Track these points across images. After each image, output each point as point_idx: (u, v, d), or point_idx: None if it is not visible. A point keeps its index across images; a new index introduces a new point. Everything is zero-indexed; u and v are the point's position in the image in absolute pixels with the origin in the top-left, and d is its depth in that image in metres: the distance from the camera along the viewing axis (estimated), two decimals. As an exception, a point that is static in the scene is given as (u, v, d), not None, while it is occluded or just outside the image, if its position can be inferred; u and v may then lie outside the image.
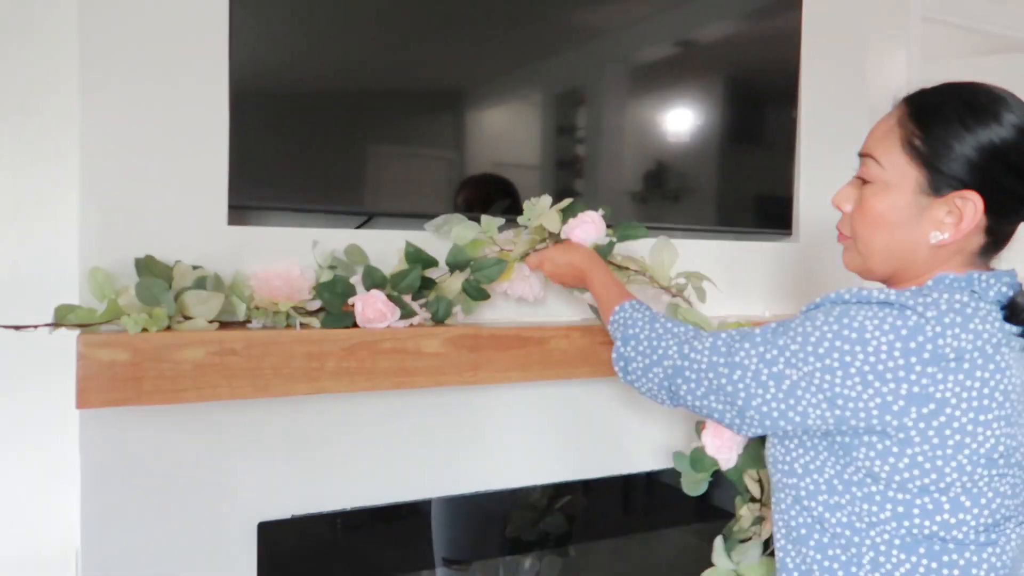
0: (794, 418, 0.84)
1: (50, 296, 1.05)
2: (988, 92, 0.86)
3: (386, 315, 1.10)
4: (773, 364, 0.84)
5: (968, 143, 0.83)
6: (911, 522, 0.81)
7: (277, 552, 1.18)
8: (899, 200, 0.87)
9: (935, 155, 0.84)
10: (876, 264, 0.91)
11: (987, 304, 0.81)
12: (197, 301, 1.03)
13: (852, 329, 0.79)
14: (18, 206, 1.30)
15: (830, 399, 0.81)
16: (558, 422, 1.41)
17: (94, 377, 0.95)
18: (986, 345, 0.78)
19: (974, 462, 0.79)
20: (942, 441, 0.78)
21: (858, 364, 0.78)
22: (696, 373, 0.93)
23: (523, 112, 1.36)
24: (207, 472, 1.15)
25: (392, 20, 1.23)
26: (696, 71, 1.51)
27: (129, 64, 1.08)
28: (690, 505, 1.56)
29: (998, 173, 0.82)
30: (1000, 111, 0.83)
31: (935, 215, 0.85)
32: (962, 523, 0.80)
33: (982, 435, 0.78)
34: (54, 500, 1.34)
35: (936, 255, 0.87)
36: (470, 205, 1.32)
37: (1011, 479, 0.82)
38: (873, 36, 1.77)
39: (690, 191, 1.52)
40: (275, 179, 1.17)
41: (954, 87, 0.89)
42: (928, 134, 0.85)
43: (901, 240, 0.87)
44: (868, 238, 0.90)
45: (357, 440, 1.25)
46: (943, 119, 0.84)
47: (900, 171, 0.86)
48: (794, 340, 0.84)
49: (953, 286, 0.84)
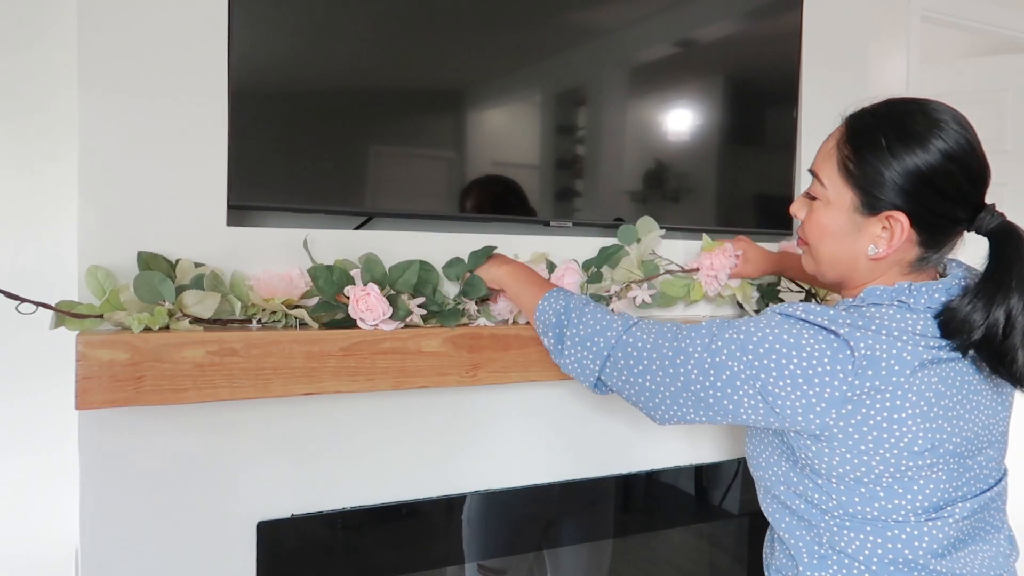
0: (727, 406, 0.92)
1: (51, 296, 1.05)
2: (923, 115, 0.91)
3: (378, 310, 1.09)
4: (717, 354, 0.92)
5: (895, 169, 0.89)
6: (854, 508, 0.91)
7: (277, 552, 1.18)
8: (838, 217, 0.95)
9: (865, 179, 0.92)
10: (825, 270, 1.00)
11: (914, 314, 0.88)
12: (194, 300, 1.03)
13: (791, 335, 0.88)
14: (18, 206, 1.30)
15: (763, 395, 0.89)
16: (558, 422, 1.41)
17: (94, 377, 0.95)
18: (902, 352, 0.86)
19: (896, 455, 0.87)
20: (862, 437, 0.87)
21: (791, 367, 0.87)
22: (637, 351, 0.99)
23: (523, 112, 1.36)
24: (207, 472, 1.15)
25: (392, 20, 1.22)
26: (696, 71, 1.51)
27: (128, 64, 1.08)
28: (690, 505, 1.56)
29: (924, 196, 0.89)
30: (928, 137, 0.89)
31: (871, 231, 0.93)
32: (899, 508, 0.89)
33: (898, 431, 0.86)
34: (54, 500, 1.34)
35: (876, 266, 0.95)
36: (480, 207, 1.32)
37: (944, 467, 0.89)
38: (873, 36, 1.77)
39: (690, 191, 1.52)
40: (274, 179, 1.17)
41: (890, 110, 0.94)
42: (860, 159, 0.92)
43: (843, 251, 0.96)
44: (816, 247, 1.00)
45: (357, 440, 1.25)
46: (872, 145, 0.91)
47: (838, 191, 0.95)
48: (738, 336, 0.91)
49: (882, 299, 0.91)
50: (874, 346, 0.85)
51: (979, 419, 0.92)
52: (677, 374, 0.94)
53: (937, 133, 0.89)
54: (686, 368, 0.93)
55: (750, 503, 1.60)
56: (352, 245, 1.20)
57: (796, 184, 1.63)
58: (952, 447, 0.89)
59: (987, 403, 0.93)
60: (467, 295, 1.20)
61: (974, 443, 0.92)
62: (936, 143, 0.88)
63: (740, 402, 0.91)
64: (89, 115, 1.06)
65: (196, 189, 1.12)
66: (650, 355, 0.97)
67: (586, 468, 1.44)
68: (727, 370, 0.91)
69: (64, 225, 1.30)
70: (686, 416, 0.96)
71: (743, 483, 1.59)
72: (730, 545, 1.63)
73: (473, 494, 1.33)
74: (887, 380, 0.85)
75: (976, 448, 0.92)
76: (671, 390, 0.95)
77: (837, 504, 0.91)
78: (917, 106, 0.93)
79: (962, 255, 0.98)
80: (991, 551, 0.94)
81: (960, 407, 0.90)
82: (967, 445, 0.91)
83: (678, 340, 0.96)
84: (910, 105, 0.93)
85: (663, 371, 0.95)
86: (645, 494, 1.52)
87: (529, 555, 1.44)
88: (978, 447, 0.93)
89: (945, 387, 0.88)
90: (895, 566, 0.90)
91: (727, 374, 0.91)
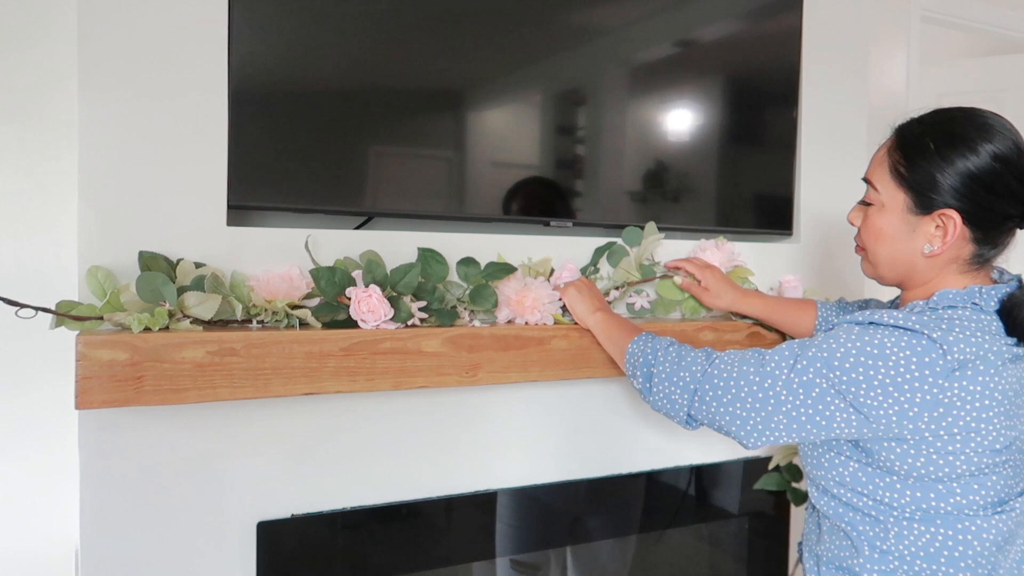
0: (820, 422, 0.93)
1: (51, 296, 1.05)
2: (971, 121, 0.96)
3: (379, 311, 1.10)
4: (803, 373, 0.94)
5: (944, 169, 0.95)
6: (928, 504, 0.93)
7: (277, 552, 1.18)
8: (893, 218, 1.00)
9: (916, 180, 0.97)
10: (884, 272, 1.05)
11: (987, 315, 0.93)
12: (195, 301, 1.03)
13: (873, 346, 0.90)
14: (18, 206, 1.30)
15: (855, 407, 0.91)
16: (558, 422, 1.41)
17: (94, 377, 0.95)
18: (987, 353, 0.89)
19: (979, 453, 0.90)
20: (951, 438, 0.90)
21: (880, 377, 0.89)
22: (724, 380, 1.00)
23: (523, 112, 1.36)
24: (207, 472, 1.15)
25: (392, 20, 1.22)
26: (696, 71, 1.51)
27: (128, 64, 1.08)
28: (691, 505, 1.56)
29: (976, 194, 0.94)
30: (978, 141, 0.94)
31: (925, 230, 0.98)
32: (972, 503, 0.92)
33: (984, 430, 0.90)
34: (54, 500, 1.34)
35: (933, 263, 0.99)
36: (527, 211, 1.34)
37: (1013, 463, 0.94)
38: (873, 36, 1.77)
39: (690, 191, 1.52)
40: (274, 179, 1.17)
41: (936, 116, 1.00)
42: (910, 162, 0.98)
43: (900, 251, 1.01)
44: (874, 251, 1.04)
45: (357, 440, 1.25)
46: (921, 148, 0.97)
47: (891, 194, 1.00)
48: (821, 353, 0.93)
49: (956, 301, 0.95)
50: (965, 349, 0.88)
51: None
52: (767, 398, 0.96)
53: (984, 135, 0.94)
54: (775, 391, 0.95)
55: (750, 503, 1.60)
56: (352, 245, 1.20)
57: (796, 184, 1.63)
58: (1020, 443, 0.94)
59: None
60: (474, 301, 1.21)
61: None
62: (983, 144, 0.93)
63: (833, 417, 0.92)
64: (89, 115, 1.06)
65: (196, 189, 1.12)
66: (737, 383, 0.98)
67: (586, 468, 1.44)
68: (815, 387, 0.92)
69: (64, 225, 1.30)
70: (779, 438, 0.97)
71: (743, 483, 1.59)
72: (730, 545, 1.63)
73: (502, 491, 1.33)
74: (975, 380, 0.88)
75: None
76: (762, 415, 0.96)
77: (910, 501, 0.94)
78: (961, 112, 0.98)
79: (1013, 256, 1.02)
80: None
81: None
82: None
83: (762, 365, 0.97)
84: (954, 112, 0.99)
85: (752, 397, 0.97)
86: (646, 493, 1.52)
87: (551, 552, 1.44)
88: None
89: (1020, 385, 0.92)
90: (964, 560, 0.93)
91: (816, 391, 0.92)
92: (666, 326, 1.31)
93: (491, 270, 1.23)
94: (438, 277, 1.20)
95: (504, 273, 1.23)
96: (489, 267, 1.24)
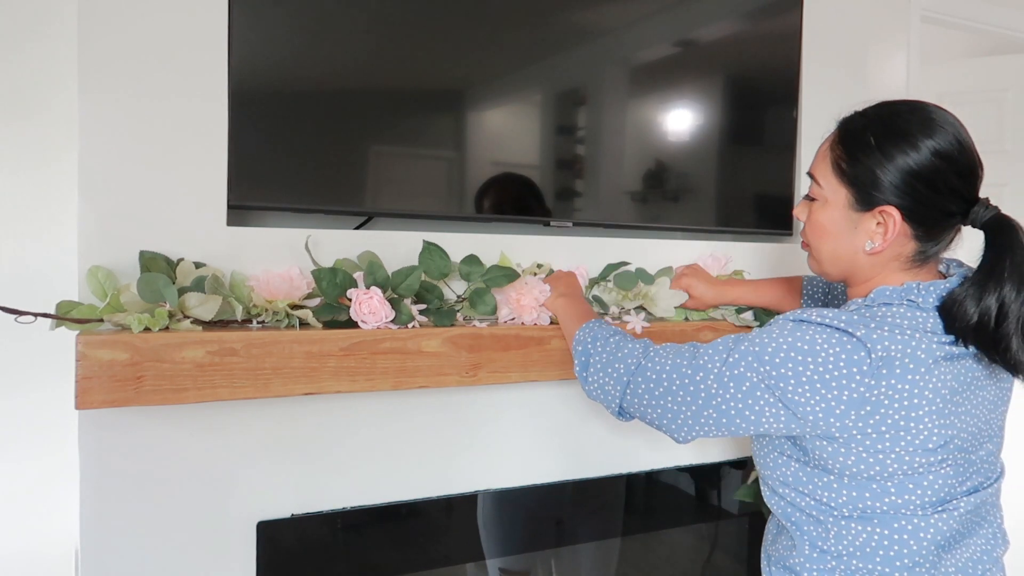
0: (749, 416, 0.93)
1: (51, 296, 1.05)
2: (910, 114, 0.95)
3: (380, 313, 1.09)
4: (735, 367, 0.93)
5: (884, 165, 0.93)
6: (864, 504, 0.93)
7: (277, 551, 1.18)
8: (835, 215, 0.99)
9: (857, 176, 0.96)
10: (828, 268, 1.04)
11: (923, 312, 0.91)
12: (196, 302, 1.03)
13: (804, 342, 0.90)
14: (19, 206, 1.30)
15: (784, 403, 0.90)
16: (558, 422, 1.41)
17: (94, 377, 0.95)
18: (916, 352, 0.88)
19: (911, 452, 0.89)
20: (879, 436, 0.89)
21: (808, 373, 0.88)
22: (657, 373, 1.00)
23: (523, 112, 1.36)
24: (207, 472, 1.15)
25: (392, 20, 1.22)
26: (696, 71, 1.51)
27: (128, 64, 1.08)
28: (691, 505, 1.56)
29: (916, 191, 0.92)
30: (919, 137, 0.92)
31: (866, 227, 0.96)
32: (908, 503, 0.91)
33: (915, 429, 0.88)
34: (54, 500, 1.34)
35: (875, 260, 0.98)
36: (498, 208, 1.32)
37: (952, 464, 0.92)
38: (873, 36, 1.77)
39: (690, 191, 1.52)
40: (274, 179, 1.17)
41: (879, 111, 0.98)
42: (851, 157, 0.96)
43: (842, 248, 0.99)
44: (817, 247, 1.03)
45: (357, 440, 1.25)
46: (863, 145, 0.95)
47: (833, 189, 0.99)
48: (753, 347, 0.93)
49: (892, 299, 0.94)
50: (890, 347, 0.87)
51: (982, 414, 0.94)
52: (698, 391, 0.95)
53: (924, 130, 0.92)
54: (706, 384, 0.95)
55: (750, 503, 1.60)
56: (352, 245, 1.20)
57: (796, 184, 1.63)
58: (960, 442, 0.92)
59: (990, 397, 0.95)
60: (473, 305, 1.20)
61: (977, 438, 0.94)
62: (923, 140, 0.92)
63: (762, 412, 0.92)
64: (89, 115, 1.06)
65: (196, 189, 1.12)
66: (669, 376, 0.98)
67: (586, 468, 1.44)
68: (746, 381, 0.92)
69: (64, 225, 1.30)
70: (709, 432, 0.97)
71: (743, 483, 1.59)
72: (730, 545, 1.63)
73: (484, 493, 1.33)
74: (903, 379, 0.87)
75: (979, 443, 0.95)
76: (692, 409, 0.96)
77: (847, 500, 0.93)
78: (905, 106, 0.96)
79: (960, 252, 1.00)
80: (981, 544, 0.97)
81: (968, 403, 0.92)
82: (971, 440, 0.93)
83: (695, 358, 0.97)
84: (898, 105, 0.97)
85: (683, 390, 0.97)
86: (646, 494, 1.52)
87: (538, 555, 1.44)
88: (980, 441, 0.95)
89: (957, 383, 0.90)
90: (900, 559, 0.92)
91: (747, 385, 0.92)
92: (666, 326, 1.31)
93: (493, 275, 1.22)
94: (440, 272, 1.19)
95: (507, 280, 1.21)
96: (492, 271, 1.22)
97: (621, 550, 1.52)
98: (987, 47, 3.08)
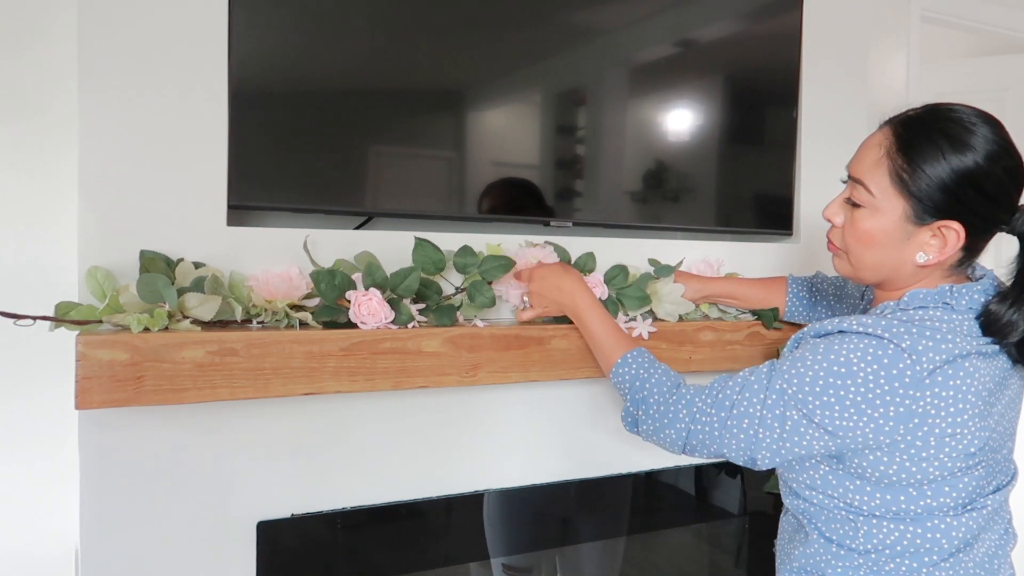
0: (800, 452, 0.93)
1: (51, 296, 1.05)
2: (976, 127, 0.91)
3: (380, 315, 1.09)
4: (775, 407, 0.92)
5: (949, 176, 0.89)
6: (898, 507, 0.92)
7: (277, 552, 1.18)
8: (888, 224, 0.94)
9: (921, 191, 0.91)
10: (866, 275, 1.00)
11: (959, 315, 0.91)
12: (195, 303, 1.03)
13: (840, 364, 0.88)
14: (18, 206, 1.30)
15: (831, 432, 0.89)
16: (558, 422, 1.41)
17: (94, 377, 0.94)
18: (958, 355, 0.87)
19: (953, 459, 0.89)
20: (925, 445, 0.88)
21: (851, 396, 0.87)
22: (706, 434, 0.98)
23: (523, 112, 1.36)
24: (207, 472, 1.15)
25: (392, 20, 1.22)
26: (696, 71, 1.51)
27: (128, 64, 1.08)
28: (691, 504, 1.56)
29: (973, 200, 0.90)
30: (985, 150, 0.89)
31: (920, 239, 0.93)
32: (943, 505, 0.92)
33: (959, 434, 0.88)
34: (54, 500, 1.34)
35: (921, 271, 0.96)
36: (495, 211, 1.32)
37: (984, 464, 0.93)
38: (873, 36, 1.77)
39: (690, 191, 1.52)
40: (274, 179, 1.17)
41: (937, 116, 0.93)
42: (915, 169, 0.91)
43: (890, 258, 0.96)
44: (859, 254, 0.98)
45: (357, 440, 1.25)
46: (928, 155, 0.91)
47: (889, 199, 0.93)
48: (789, 383, 0.91)
49: (927, 301, 0.93)
50: (935, 357, 0.86)
51: (1007, 412, 0.95)
52: (748, 438, 0.94)
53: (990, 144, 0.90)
54: (753, 430, 0.94)
55: (750, 503, 1.60)
56: (352, 245, 1.20)
57: (796, 184, 1.63)
58: (992, 443, 0.93)
59: (1014, 396, 0.96)
60: (471, 298, 1.20)
61: (1003, 436, 0.95)
62: (990, 154, 0.89)
63: (811, 444, 0.91)
64: (89, 115, 1.06)
65: (196, 189, 1.12)
66: (718, 430, 0.97)
67: (586, 468, 1.44)
68: (789, 420, 0.91)
69: (64, 225, 1.30)
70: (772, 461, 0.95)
71: (743, 483, 1.59)
72: (730, 545, 1.63)
73: (490, 493, 1.33)
74: (946, 386, 0.86)
75: (1003, 441, 0.96)
76: (749, 451, 0.95)
77: (880, 503, 0.93)
78: (958, 114, 0.93)
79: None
80: (996, 540, 0.98)
81: (999, 402, 0.93)
82: (999, 439, 0.95)
83: (735, 406, 0.95)
84: (952, 113, 0.93)
85: (734, 439, 0.95)
86: (646, 494, 1.52)
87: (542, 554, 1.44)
88: (1004, 440, 0.96)
89: (993, 383, 0.90)
90: (930, 555, 0.92)
91: (790, 424, 0.91)
92: (666, 326, 1.31)
93: (488, 266, 1.20)
94: (435, 267, 1.18)
95: (502, 271, 1.21)
96: (487, 261, 1.20)
97: (626, 548, 1.52)
98: (987, 47, 3.08)
